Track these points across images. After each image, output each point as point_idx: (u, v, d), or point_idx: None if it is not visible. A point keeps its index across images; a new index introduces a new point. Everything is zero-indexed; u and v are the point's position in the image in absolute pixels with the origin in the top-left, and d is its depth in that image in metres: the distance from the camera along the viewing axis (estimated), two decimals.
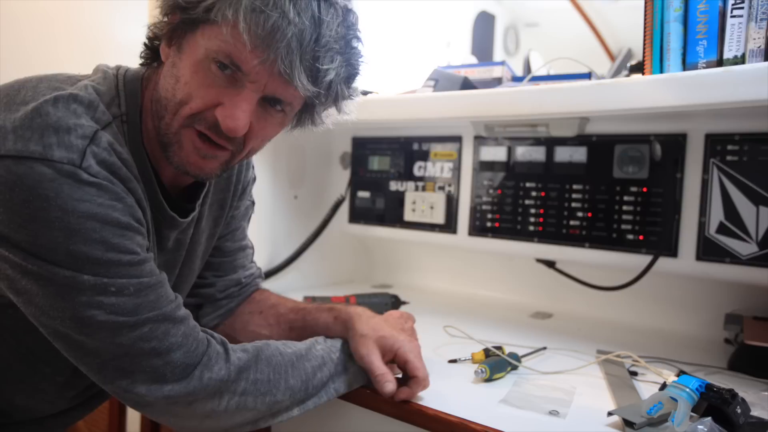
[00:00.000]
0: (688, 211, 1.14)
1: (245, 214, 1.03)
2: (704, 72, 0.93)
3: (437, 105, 1.26)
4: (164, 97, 0.72)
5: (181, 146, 0.72)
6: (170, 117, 0.71)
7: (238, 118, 0.68)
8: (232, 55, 0.67)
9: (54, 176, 0.61)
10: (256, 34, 0.63)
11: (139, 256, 0.67)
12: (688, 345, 1.17)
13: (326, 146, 1.68)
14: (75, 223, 0.62)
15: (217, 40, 0.66)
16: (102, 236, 0.63)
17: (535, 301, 1.48)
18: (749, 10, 0.93)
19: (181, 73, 0.70)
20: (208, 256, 0.97)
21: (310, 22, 0.65)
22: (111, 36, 1.48)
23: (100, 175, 0.64)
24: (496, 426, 0.75)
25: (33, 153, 0.61)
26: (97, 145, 0.65)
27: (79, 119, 0.64)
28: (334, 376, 0.82)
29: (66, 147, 0.62)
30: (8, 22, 1.43)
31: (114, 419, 1.41)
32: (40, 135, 0.61)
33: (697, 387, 0.74)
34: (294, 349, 0.80)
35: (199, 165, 0.73)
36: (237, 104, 0.68)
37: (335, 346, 0.85)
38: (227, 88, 0.69)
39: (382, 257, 1.79)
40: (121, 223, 0.65)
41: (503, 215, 1.38)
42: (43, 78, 0.70)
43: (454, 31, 2.29)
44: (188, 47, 0.70)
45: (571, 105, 1.07)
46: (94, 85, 0.70)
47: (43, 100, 0.64)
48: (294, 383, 0.77)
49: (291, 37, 0.64)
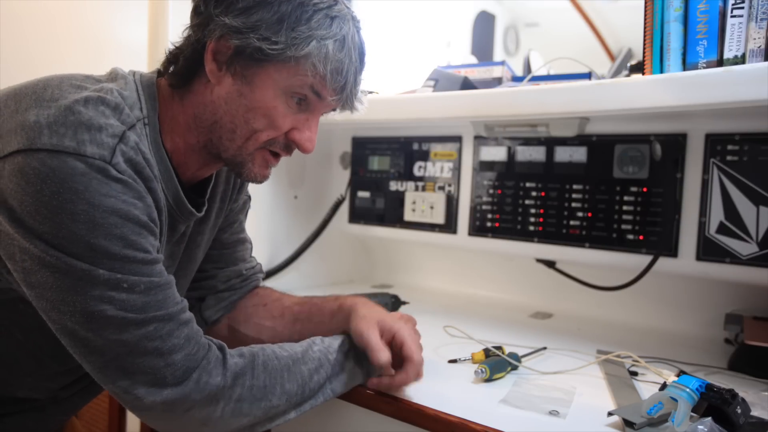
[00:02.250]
0: (688, 211, 1.14)
1: (242, 208, 1.05)
2: (704, 72, 0.93)
3: (437, 105, 1.26)
4: (229, 121, 0.78)
5: (254, 164, 0.81)
6: (242, 140, 0.78)
7: (314, 140, 0.81)
8: (315, 88, 0.76)
9: (85, 171, 0.64)
10: (337, 80, 0.76)
11: (152, 256, 0.70)
12: (688, 345, 1.17)
13: (326, 146, 1.68)
14: (99, 217, 0.65)
15: (299, 79, 0.75)
16: (122, 232, 0.66)
17: (535, 301, 1.48)
18: (749, 10, 0.93)
19: (257, 105, 0.76)
20: (208, 247, 0.99)
21: (358, 58, 0.78)
22: (112, 36, 1.48)
23: (126, 173, 0.67)
24: (496, 426, 0.75)
25: (67, 148, 0.64)
26: (126, 144, 0.68)
27: (109, 120, 0.68)
28: (331, 377, 0.83)
29: (98, 144, 0.65)
30: (9, 21, 1.43)
31: (114, 420, 1.41)
32: (74, 132, 0.65)
33: (697, 387, 0.74)
34: (290, 352, 0.81)
35: (265, 174, 0.83)
36: (310, 128, 0.80)
37: (332, 346, 0.86)
38: (298, 114, 0.79)
39: (382, 257, 1.79)
40: (140, 221, 0.68)
41: (503, 215, 1.38)
42: (63, 77, 0.73)
43: (454, 31, 2.29)
44: (260, 80, 0.76)
45: (571, 105, 1.07)
46: (119, 90, 0.73)
47: (74, 100, 0.67)
48: (290, 387, 0.78)
49: (351, 76, 0.77)
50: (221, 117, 0.78)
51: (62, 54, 1.48)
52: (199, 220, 0.91)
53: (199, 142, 0.80)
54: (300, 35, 0.72)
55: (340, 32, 0.74)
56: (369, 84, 0.87)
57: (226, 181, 0.96)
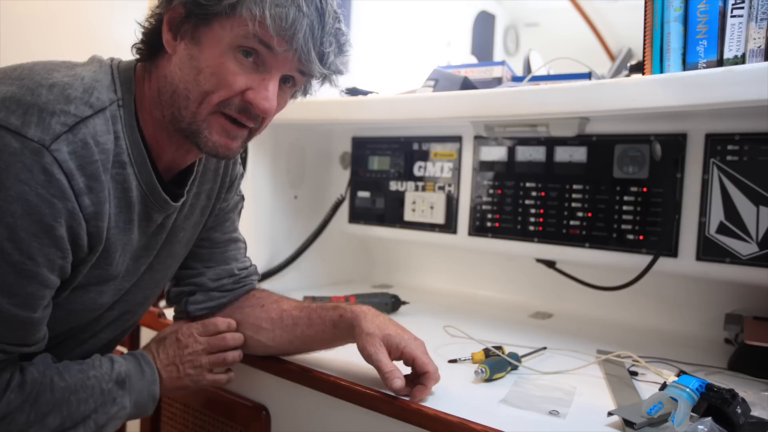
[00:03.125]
0: (688, 211, 1.14)
1: (234, 208, 1.04)
2: (704, 72, 0.93)
3: (437, 105, 1.26)
4: (183, 87, 0.75)
5: (211, 131, 0.77)
6: (195, 105, 0.75)
7: (270, 99, 0.76)
8: (261, 38, 0.72)
9: (17, 150, 0.63)
10: (281, 26, 0.71)
11: (33, 269, 0.66)
12: (688, 345, 1.17)
13: (326, 146, 1.68)
14: (2, 199, 0.62)
15: (241, 29, 0.71)
16: (15, 223, 0.63)
17: (535, 301, 1.48)
18: (749, 10, 0.93)
19: (205, 64, 0.73)
20: (192, 244, 0.98)
21: (315, 13, 0.73)
22: (112, 35, 1.48)
23: (65, 165, 0.65)
24: (496, 426, 0.75)
25: (10, 125, 0.63)
26: (74, 135, 0.67)
27: (68, 106, 0.67)
28: (98, 407, 0.80)
29: (43, 128, 0.64)
30: (10, 21, 1.43)
31: None
32: (24, 111, 0.64)
33: (697, 387, 0.74)
34: (68, 382, 0.77)
35: (228, 146, 0.78)
36: (267, 87, 0.75)
37: (114, 371, 0.83)
38: (253, 74, 0.75)
39: (382, 257, 1.79)
40: (44, 223, 0.65)
41: (503, 215, 1.38)
42: (38, 62, 0.73)
43: (454, 31, 2.29)
44: (207, 39, 0.73)
45: (571, 105, 1.07)
46: (91, 74, 0.73)
47: (40, 82, 0.67)
48: (52, 421, 0.74)
49: (306, 28, 0.72)
50: (177, 85, 0.76)
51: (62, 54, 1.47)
52: (182, 216, 0.90)
53: (164, 117, 0.78)
54: None
55: None
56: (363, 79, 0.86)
57: (214, 179, 0.96)
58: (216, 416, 1.13)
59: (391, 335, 0.86)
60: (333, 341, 0.95)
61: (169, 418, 1.24)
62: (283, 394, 1.02)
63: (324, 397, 0.94)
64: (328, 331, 0.93)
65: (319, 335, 0.94)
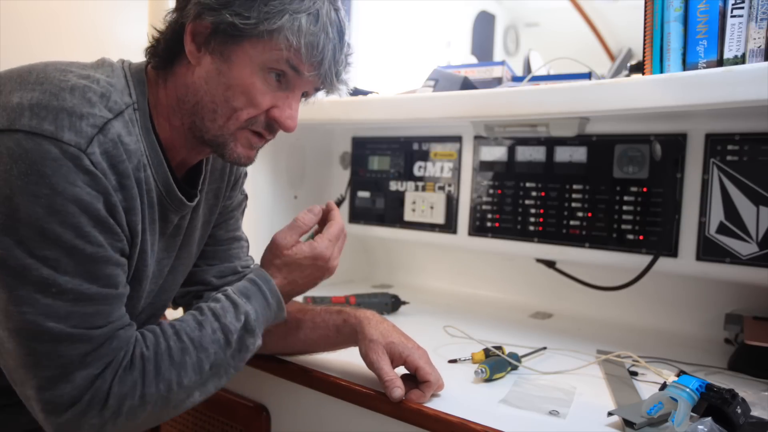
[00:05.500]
0: (688, 211, 1.14)
1: (238, 206, 1.05)
2: (704, 72, 0.93)
3: (437, 105, 1.26)
4: (210, 101, 0.77)
5: (237, 143, 0.80)
6: (224, 120, 0.78)
7: (294, 117, 0.80)
8: (292, 62, 0.75)
9: (58, 156, 0.64)
10: (312, 54, 0.75)
11: (105, 252, 0.69)
12: (688, 345, 1.17)
13: (326, 146, 1.68)
14: (60, 203, 0.64)
15: (274, 53, 0.74)
16: (78, 221, 0.66)
17: (535, 301, 1.48)
18: (749, 10, 0.93)
19: (235, 82, 0.76)
20: (203, 243, 0.99)
21: (337, 36, 0.77)
22: (114, 35, 1.49)
23: (99, 166, 0.67)
24: (496, 426, 0.75)
25: (45, 131, 0.64)
26: (105, 136, 0.68)
27: (93, 108, 0.68)
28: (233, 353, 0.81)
29: (76, 131, 0.66)
30: (10, 21, 1.43)
31: None
32: (54, 116, 0.65)
33: (697, 387, 0.74)
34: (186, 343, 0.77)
35: (249, 156, 0.82)
36: (291, 105, 0.79)
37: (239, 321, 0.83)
38: (278, 92, 0.78)
39: (382, 257, 1.79)
40: (100, 216, 0.67)
41: (503, 215, 1.38)
42: (47, 63, 0.73)
43: (454, 31, 2.29)
44: (237, 57, 0.75)
45: (571, 105, 1.07)
46: (105, 77, 0.74)
47: (59, 86, 0.68)
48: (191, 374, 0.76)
49: (330, 54, 0.76)
50: (202, 97, 0.77)
51: (63, 54, 1.47)
52: (195, 216, 0.91)
53: (183, 124, 0.80)
54: (272, 9, 0.72)
55: (314, 6, 0.74)
56: (363, 79, 0.87)
57: (221, 178, 0.96)
58: (216, 416, 1.13)
59: (395, 343, 0.86)
60: (336, 345, 0.95)
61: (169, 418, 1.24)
62: (283, 394, 1.02)
63: (324, 397, 0.94)
64: (331, 335, 0.93)
65: (322, 339, 0.95)
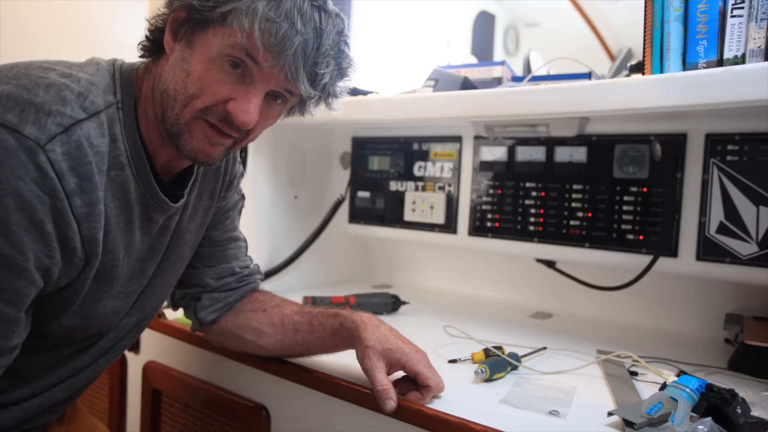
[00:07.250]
0: (688, 211, 1.14)
1: (234, 206, 1.04)
2: (704, 72, 0.93)
3: (437, 105, 1.26)
4: (173, 88, 0.75)
5: (192, 135, 0.77)
6: (180, 108, 0.75)
7: (250, 112, 0.75)
8: (248, 51, 0.72)
9: (12, 146, 0.63)
10: (269, 41, 0.70)
11: (22, 263, 0.65)
12: (688, 345, 1.17)
13: (326, 146, 1.68)
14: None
15: (231, 39, 0.71)
16: (8, 217, 0.63)
17: (535, 301, 1.48)
18: (749, 10, 0.93)
19: (193, 68, 0.74)
20: (197, 245, 0.99)
21: (313, 32, 0.72)
22: (113, 35, 1.48)
23: (57, 165, 0.65)
24: (496, 426, 0.75)
25: (7, 121, 0.64)
26: (69, 136, 0.67)
27: (64, 107, 0.68)
28: None
29: (39, 127, 0.65)
30: (10, 21, 1.44)
31: (114, 417, 1.41)
32: (21, 109, 0.65)
33: (697, 387, 0.74)
34: None
35: (207, 152, 0.78)
36: (249, 99, 0.75)
37: None
38: (238, 85, 0.74)
39: (382, 257, 1.79)
40: (36, 219, 0.65)
41: (503, 215, 1.38)
42: (33, 61, 0.74)
43: (454, 31, 2.29)
44: (200, 44, 0.74)
45: (571, 105, 1.07)
46: (88, 77, 0.74)
47: (36, 81, 0.68)
48: None
49: (297, 46, 0.71)
50: (167, 85, 0.76)
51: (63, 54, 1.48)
52: (186, 217, 0.91)
53: (156, 115, 0.78)
54: None
55: None
56: (368, 84, 0.86)
57: (215, 179, 0.96)
58: (216, 416, 1.13)
59: (392, 350, 0.84)
60: (333, 348, 0.95)
61: (169, 418, 1.24)
62: (283, 394, 1.02)
63: (324, 397, 0.94)
64: (328, 338, 0.93)
65: (320, 342, 0.94)
